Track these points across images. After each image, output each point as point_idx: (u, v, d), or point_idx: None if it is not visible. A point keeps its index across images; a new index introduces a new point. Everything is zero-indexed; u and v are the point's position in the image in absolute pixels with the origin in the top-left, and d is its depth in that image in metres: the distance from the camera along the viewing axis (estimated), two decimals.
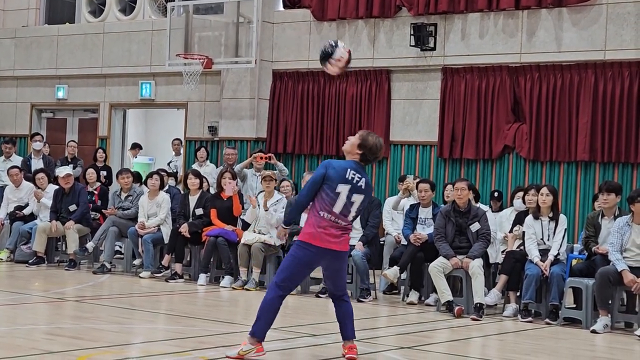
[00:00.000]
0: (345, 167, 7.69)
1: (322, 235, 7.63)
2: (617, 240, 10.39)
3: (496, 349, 9.37)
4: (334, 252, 7.70)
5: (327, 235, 7.65)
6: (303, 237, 7.72)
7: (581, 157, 15.31)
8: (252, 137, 18.18)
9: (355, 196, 7.67)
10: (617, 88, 15.04)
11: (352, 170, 7.67)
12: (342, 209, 7.65)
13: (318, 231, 7.64)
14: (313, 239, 7.65)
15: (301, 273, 7.88)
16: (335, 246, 7.68)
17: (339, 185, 7.62)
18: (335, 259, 7.77)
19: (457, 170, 16.42)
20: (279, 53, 18.25)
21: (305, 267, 7.84)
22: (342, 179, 7.62)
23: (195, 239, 13.60)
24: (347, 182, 7.63)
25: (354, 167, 7.70)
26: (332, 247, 7.66)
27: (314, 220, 7.68)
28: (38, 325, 9.30)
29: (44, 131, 21.13)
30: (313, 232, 7.65)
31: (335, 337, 9.05)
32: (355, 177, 7.66)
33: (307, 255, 7.70)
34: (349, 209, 7.68)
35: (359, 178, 7.67)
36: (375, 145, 7.74)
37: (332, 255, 7.72)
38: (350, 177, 7.65)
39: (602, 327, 10.19)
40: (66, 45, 20.79)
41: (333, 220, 7.66)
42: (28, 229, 15.05)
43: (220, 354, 7.88)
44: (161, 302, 11.77)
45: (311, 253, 7.68)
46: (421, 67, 16.78)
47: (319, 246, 7.63)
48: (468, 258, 11.17)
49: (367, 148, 7.73)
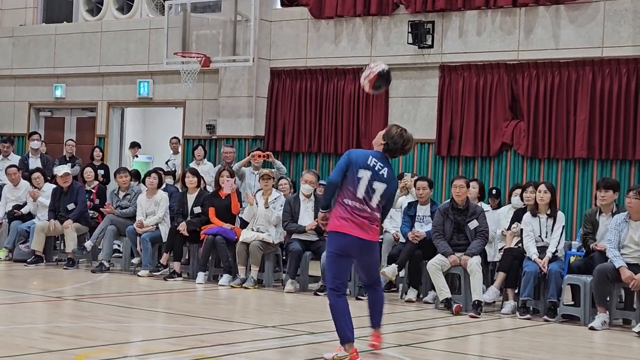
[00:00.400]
0: (367, 154, 7.82)
1: (350, 223, 7.67)
2: (615, 237, 10.39)
3: (494, 346, 9.38)
4: (363, 241, 7.71)
5: (354, 224, 7.68)
6: (330, 227, 7.77)
7: (579, 154, 15.32)
8: (250, 135, 18.18)
9: (376, 184, 7.72)
10: (615, 85, 15.05)
11: (374, 158, 7.77)
12: (364, 194, 7.69)
13: (344, 220, 7.69)
14: (340, 228, 7.69)
15: (338, 265, 7.80)
16: (363, 235, 7.70)
17: (360, 170, 7.70)
18: (364, 249, 7.78)
19: (455, 167, 16.43)
20: (277, 51, 18.25)
21: (340, 258, 7.77)
22: (364, 164, 7.70)
23: (194, 238, 13.61)
24: (368, 168, 7.70)
25: (376, 156, 7.80)
26: (360, 235, 7.69)
27: (340, 210, 7.74)
28: (37, 324, 9.30)
29: (42, 130, 21.13)
30: (340, 221, 7.71)
31: (333, 335, 9.06)
32: (377, 165, 7.74)
33: (337, 244, 7.72)
34: (371, 195, 7.71)
35: (380, 166, 7.74)
36: (396, 135, 7.81)
37: (361, 244, 7.72)
38: (372, 163, 7.73)
39: (600, 324, 10.20)
40: (64, 44, 20.78)
41: (358, 207, 7.70)
42: (26, 228, 15.05)
43: (219, 352, 7.89)
44: (159, 301, 11.77)
45: (340, 242, 7.69)
46: (419, 64, 16.79)
47: (347, 233, 7.67)
48: (466, 255, 11.18)
49: (390, 137, 7.80)
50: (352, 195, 7.70)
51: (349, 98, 17.43)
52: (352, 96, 17.41)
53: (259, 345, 8.45)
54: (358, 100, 17.37)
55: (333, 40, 17.69)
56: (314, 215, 12.90)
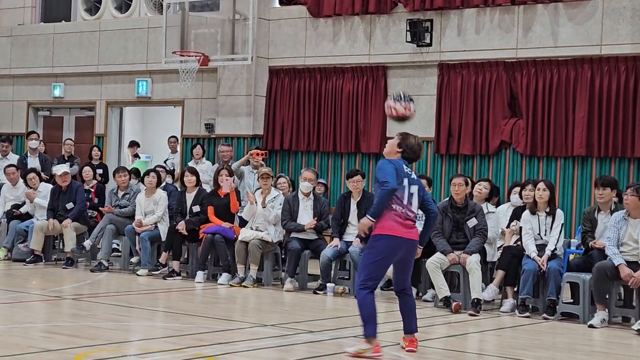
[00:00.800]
0: (400, 163, 8.24)
1: (400, 226, 8.08)
2: (614, 235, 10.40)
3: (494, 344, 9.38)
4: (412, 241, 8.19)
5: (404, 227, 8.11)
6: (382, 230, 8.08)
7: (578, 152, 15.31)
8: (249, 134, 18.18)
9: (412, 187, 8.23)
10: (614, 83, 15.05)
11: (405, 166, 8.25)
12: (407, 199, 8.17)
13: (396, 224, 8.08)
14: (392, 231, 8.06)
15: (383, 266, 8.21)
16: (412, 236, 8.18)
17: (404, 179, 8.16)
18: (411, 249, 8.24)
19: (454, 166, 16.43)
20: (275, 50, 18.25)
21: (387, 260, 8.18)
22: (404, 173, 8.18)
23: (193, 237, 13.60)
24: (406, 175, 8.19)
25: (404, 163, 8.27)
26: (409, 236, 8.14)
27: (387, 214, 8.09)
28: (36, 323, 9.30)
29: (41, 129, 21.11)
30: (392, 224, 8.07)
31: (332, 333, 9.07)
32: (407, 170, 8.24)
33: (388, 246, 8.08)
34: (411, 200, 8.21)
35: (410, 171, 8.27)
36: (415, 144, 8.30)
37: (410, 245, 8.18)
38: (407, 171, 8.23)
39: (599, 321, 10.20)
40: (62, 44, 20.77)
41: (405, 213, 8.14)
42: (25, 227, 15.05)
43: (218, 351, 7.89)
44: (159, 300, 11.77)
45: (391, 243, 8.07)
46: (417, 63, 16.78)
47: (400, 236, 8.08)
48: (465, 253, 11.18)
49: (408, 147, 8.28)
50: (399, 202, 8.12)
51: (348, 96, 17.43)
52: (350, 95, 17.40)
53: (258, 344, 8.45)
54: (357, 98, 17.36)
55: (331, 38, 17.68)
56: (313, 214, 12.91)
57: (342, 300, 11.99)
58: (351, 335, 8.93)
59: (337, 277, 12.70)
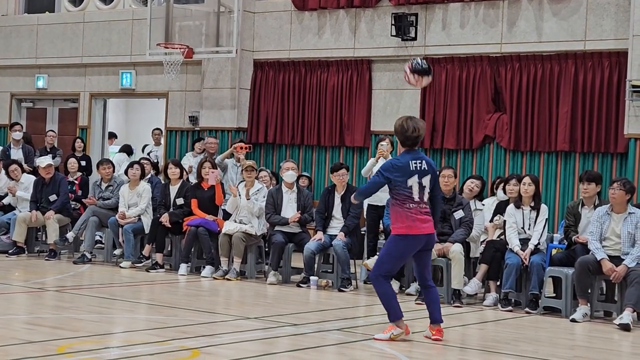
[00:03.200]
0: (408, 159, 8.40)
1: (418, 223, 8.38)
2: (597, 230, 10.44)
3: (476, 338, 9.41)
4: (430, 235, 8.50)
5: (421, 222, 8.41)
6: (399, 230, 8.41)
7: (561, 147, 15.36)
8: (233, 127, 18.15)
9: (424, 180, 8.44)
10: (597, 78, 15.10)
11: (412, 160, 8.39)
12: (419, 195, 8.41)
13: (413, 222, 8.37)
14: (412, 230, 8.38)
15: (401, 262, 8.76)
16: (429, 230, 8.48)
17: (408, 180, 8.36)
18: (430, 242, 8.57)
19: (438, 160, 16.44)
20: (260, 43, 18.22)
21: (405, 257, 8.65)
22: (411, 170, 8.36)
23: (176, 229, 13.59)
24: (415, 172, 8.37)
25: (412, 157, 8.42)
26: (427, 231, 8.46)
27: (404, 214, 8.39)
28: (18, 315, 9.28)
29: (24, 121, 21.02)
30: (410, 224, 8.38)
31: (315, 326, 9.08)
32: (417, 164, 8.40)
33: (408, 246, 8.44)
34: (423, 193, 8.45)
35: (419, 163, 8.41)
36: (401, 126, 8.43)
37: (428, 238, 8.51)
38: (414, 167, 8.38)
39: (581, 316, 10.25)
40: (46, 35, 20.69)
41: (418, 208, 8.41)
42: (7, 219, 14.99)
43: (201, 343, 7.89)
44: (142, 292, 11.75)
45: (411, 243, 8.42)
46: (402, 57, 16.76)
47: (417, 234, 8.39)
48: (449, 242, 11.21)
49: (398, 133, 8.48)
50: (410, 199, 8.39)
51: (332, 90, 17.42)
52: (335, 88, 17.40)
53: (241, 337, 8.45)
54: (341, 92, 17.36)
55: (316, 32, 17.67)
56: (297, 207, 12.90)
57: (325, 293, 12.00)
58: (334, 329, 8.94)
59: (320, 270, 12.70)
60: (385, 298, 8.50)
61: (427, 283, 8.72)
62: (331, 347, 8.15)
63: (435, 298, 8.74)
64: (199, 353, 7.48)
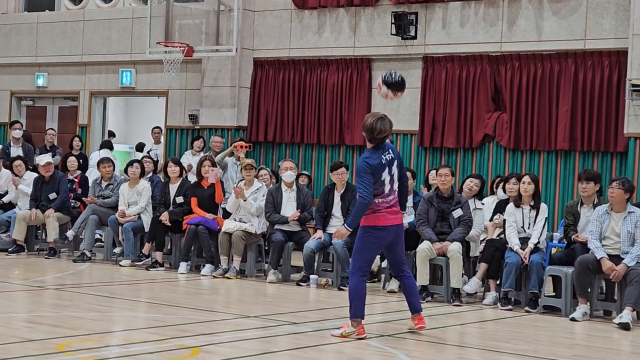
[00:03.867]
0: (378, 154, 8.46)
1: (386, 214, 8.45)
2: (597, 229, 10.44)
3: (476, 337, 9.41)
4: (398, 226, 8.57)
5: (389, 214, 8.47)
6: (369, 222, 8.44)
7: (561, 146, 15.37)
8: (233, 125, 18.15)
9: (393, 169, 8.54)
10: (597, 77, 15.10)
11: (381, 154, 8.46)
12: (389, 189, 8.50)
13: (381, 215, 8.44)
14: (379, 221, 8.44)
15: (374, 255, 8.78)
16: (398, 221, 8.56)
17: (382, 173, 8.44)
18: (399, 233, 8.62)
19: (438, 159, 16.46)
20: (260, 41, 18.22)
21: (376, 249, 8.68)
22: (381, 165, 8.44)
23: (176, 227, 13.59)
24: (384, 166, 8.46)
25: (379, 152, 8.47)
26: (395, 222, 8.52)
27: (374, 207, 8.43)
28: (18, 313, 9.28)
29: (24, 119, 21.03)
30: (377, 216, 8.44)
31: (315, 325, 9.09)
32: (385, 156, 8.48)
33: (377, 238, 8.49)
34: (392, 185, 8.54)
35: (387, 154, 8.49)
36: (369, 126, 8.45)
37: (397, 229, 8.57)
38: (385, 158, 8.47)
39: (581, 315, 10.25)
40: (46, 33, 20.68)
41: (387, 201, 8.47)
42: (7, 218, 14.99)
43: (201, 342, 7.89)
44: (141, 291, 11.75)
45: (379, 235, 8.47)
46: (402, 55, 16.79)
47: (387, 225, 8.46)
48: (447, 241, 11.21)
49: (368, 132, 8.49)
50: (380, 193, 8.44)
51: (332, 89, 17.43)
52: (335, 87, 17.41)
53: (241, 335, 8.45)
54: (341, 91, 17.37)
55: (316, 30, 17.67)
56: (297, 206, 12.90)
57: (325, 292, 12.00)
58: (334, 327, 8.94)
59: (320, 269, 12.71)
60: (353, 294, 8.51)
61: (401, 274, 8.82)
62: (330, 346, 8.15)
63: (412, 288, 8.87)
64: (199, 351, 7.48)
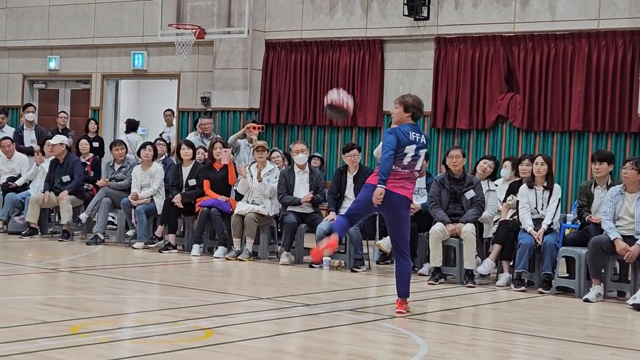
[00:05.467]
0: (407, 129, 8.75)
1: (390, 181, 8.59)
2: (610, 209, 10.40)
3: (490, 318, 9.40)
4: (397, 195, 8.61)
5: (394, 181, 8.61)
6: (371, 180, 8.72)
7: (574, 127, 15.31)
8: (245, 107, 18.14)
9: (420, 152, 8.79)
10: (611, 57, 15.02)
11: (412, 132, 8.74)
12: (409, 162, 8.71)
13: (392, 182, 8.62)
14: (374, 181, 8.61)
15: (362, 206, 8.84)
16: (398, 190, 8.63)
17: (407, 147, 8.66)
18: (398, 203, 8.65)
19: (451, 140, 16.42)
20: (272, 23, 18.18)
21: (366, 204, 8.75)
22: (409, 140, 8.68)
23: (189, 210, 13.60)
24: (412, 142, 8.69)
25: (412, 129, 8.76)
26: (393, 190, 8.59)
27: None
28: (32, 295, 9.31)
29: (36, 102, 21.05)
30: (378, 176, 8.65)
31: (328, 306, 9.09)
32: (416, 136, 8.76)
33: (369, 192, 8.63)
34: (416, 162, 8.77)
35: (418, 136, 8.79)
36: (415, 101, 8.86)
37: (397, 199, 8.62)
38: (413, 138, 8.72)
39: (594, 296, 10.22)
40: (58, 16, 20.68)
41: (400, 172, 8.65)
42: (21, 199, 15.01)
43: (215, 323, 7.90)
44: (154, 273, 11.78)
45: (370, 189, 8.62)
46: (414, 36, 16.73)
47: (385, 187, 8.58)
48: (460, 222, 11.18)
49: (412, 106, 8.81)
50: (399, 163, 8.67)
51: (344, 70, 17.39)
52: (347, 68, 17.37)
53: (254, 317, 8.46)
54: (353, 72, 17.32)
55: (328, 12, 17.62)
56: (309, 188, 12.89)
57: (337, 273, 12.00)
58: (347, 309, 8.94)
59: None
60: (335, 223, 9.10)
61: (399, 255, 8.85)
62: (344, 327, 8.15)
63: (403, 272, 8.85)
64: (212, 333, 7.49)
